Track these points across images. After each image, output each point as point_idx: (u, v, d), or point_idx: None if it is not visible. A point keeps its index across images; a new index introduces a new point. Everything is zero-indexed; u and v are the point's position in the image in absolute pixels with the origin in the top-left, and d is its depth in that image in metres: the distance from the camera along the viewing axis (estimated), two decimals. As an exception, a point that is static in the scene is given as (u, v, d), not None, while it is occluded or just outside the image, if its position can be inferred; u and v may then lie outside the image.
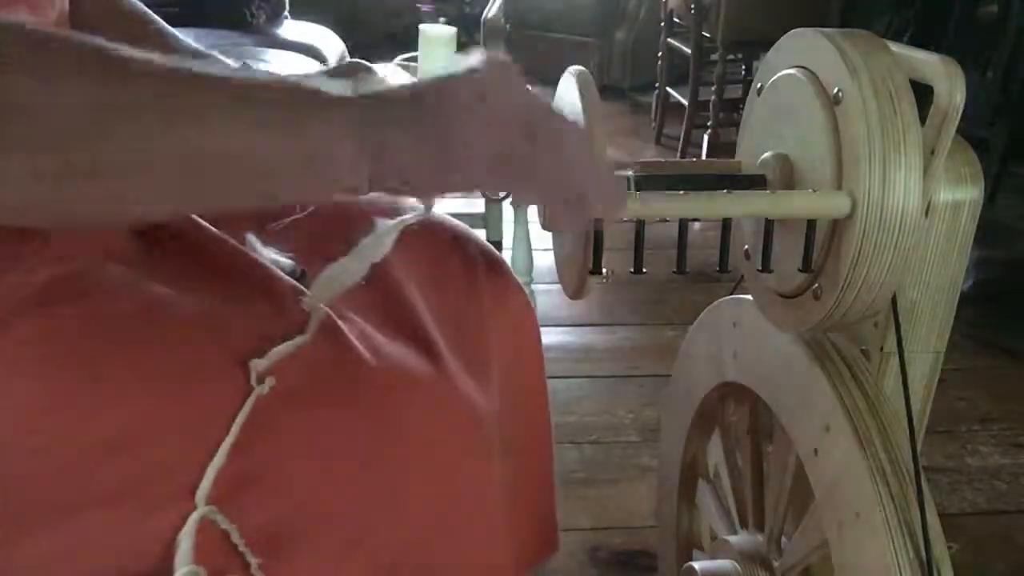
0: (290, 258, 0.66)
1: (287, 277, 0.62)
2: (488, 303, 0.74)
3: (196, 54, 0.73)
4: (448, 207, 0.83)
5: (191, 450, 0.52)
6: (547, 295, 0.76)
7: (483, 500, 0.64)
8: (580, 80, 0.60)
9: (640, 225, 0.63)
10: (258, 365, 0.54)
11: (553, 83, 0.65)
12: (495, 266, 0.77)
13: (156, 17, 0.75)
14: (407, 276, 0.69)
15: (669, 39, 3.22)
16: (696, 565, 0.86)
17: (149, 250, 0.62)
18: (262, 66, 2.27)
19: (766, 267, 0.65)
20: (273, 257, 0.65)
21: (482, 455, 0.63)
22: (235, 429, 0.52)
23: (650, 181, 0.67)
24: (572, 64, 0.63)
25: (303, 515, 0.54)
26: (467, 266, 0.75)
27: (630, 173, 0.64)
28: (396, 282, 0.68)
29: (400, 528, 0.57)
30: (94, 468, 0.49)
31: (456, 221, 0.80)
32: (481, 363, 0.68)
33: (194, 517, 0.51)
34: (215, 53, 0.75)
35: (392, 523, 0.57)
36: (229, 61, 0.74)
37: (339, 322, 0.60)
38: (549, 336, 2.00)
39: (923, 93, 0.60)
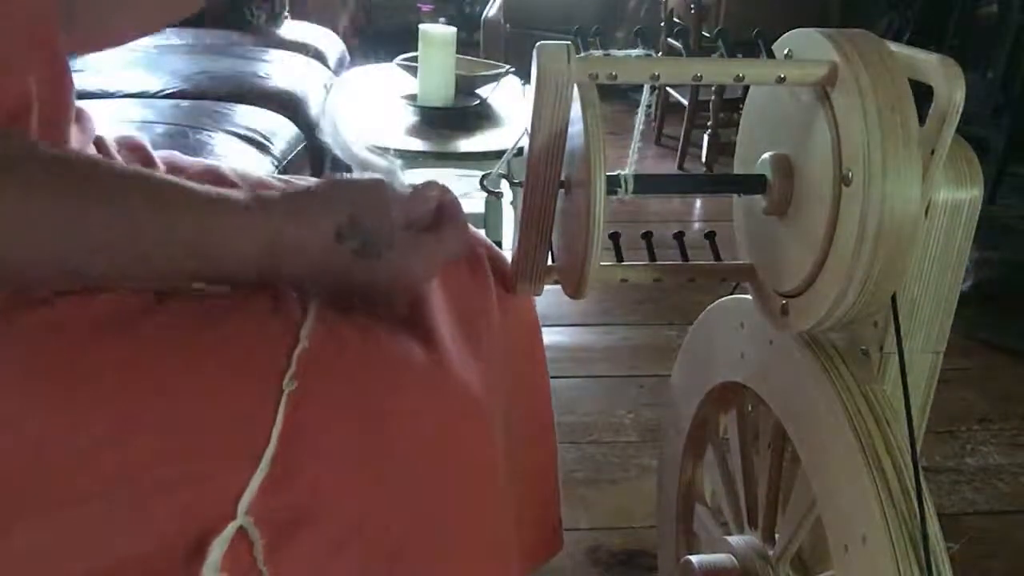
0: None
1: None
2: (493, 294, 0.74)
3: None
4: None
5: (200, 448, 0.52)
6: (547, 295, 0.76)
7: (485, 489, 0.64)
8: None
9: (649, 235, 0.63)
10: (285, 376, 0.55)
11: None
12: (498, 262, 0.77)
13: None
14: None
15: (669, 39, 3.22)
16: (694, 559, 0.86)
17: None
18: (263, 66, 2.27)
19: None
20: None
21: (481, 442, 0.63)
22: (274, 437, 0.53)
23: (647, 182, 0.67)
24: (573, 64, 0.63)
25: (301, 503, 0.54)
26: (474, 256, 0.75)
27: (623, 172, 0.65)
28: None
29: (399, 515, 0.57)
30: (90, 462, 0.50)
31: None
32: (485, 350, 0.68)
33: (232, 526, 0.51)
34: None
35: (390, 511, 0.57)
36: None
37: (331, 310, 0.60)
38: (549, 336, 2.00)
39: (923, 93, 0.60)
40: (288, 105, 2.06)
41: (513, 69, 1.94)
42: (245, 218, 0.54)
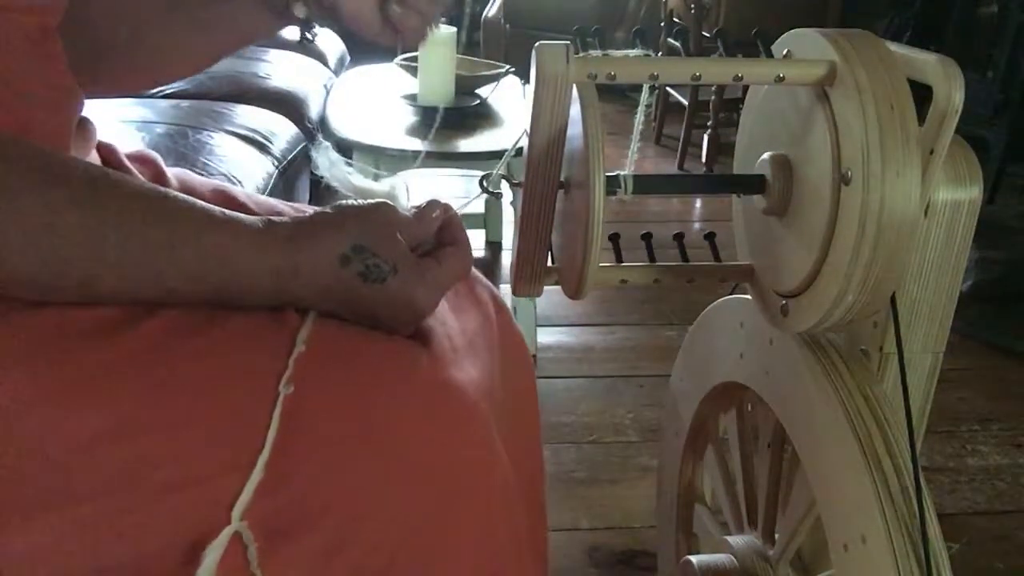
0: None
1: None
2: (494, 319, 0.74)
3: None
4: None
5: (192, 446, 0.52)
6: (547, 295, 0.76)
7: (483, 495, 0.63)
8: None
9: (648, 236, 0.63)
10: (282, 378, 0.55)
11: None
12: (497, 299, 0.78)
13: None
14: None
15: (669, 39, 3.22)
16: (693, 559, 0.86)
17: None
18: (263, 66, 2.27)
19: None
20: None
21: (480, 448, 0.62)
22: (269, 441, 0.53)
23: (647, 182, 0.67)
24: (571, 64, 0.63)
25: (295, 508, 0.53)
26: (473, 275, 0.75)
27: (623, 172, 0.65)
28: None
29: (395, 521, 0.57)
30: (86, 461, 0.49)
31: None
32: (484, 362, 0.67)
33: (227, 532, 0.51)
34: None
35: (386, 517, 0.56)
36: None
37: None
38: (549, 336, 2.01)
39: (923, 93, 0.60)
40: (288, 105, 2.06)
41: (513, 69, 1.94)
42: (254, 240, 0.55)
